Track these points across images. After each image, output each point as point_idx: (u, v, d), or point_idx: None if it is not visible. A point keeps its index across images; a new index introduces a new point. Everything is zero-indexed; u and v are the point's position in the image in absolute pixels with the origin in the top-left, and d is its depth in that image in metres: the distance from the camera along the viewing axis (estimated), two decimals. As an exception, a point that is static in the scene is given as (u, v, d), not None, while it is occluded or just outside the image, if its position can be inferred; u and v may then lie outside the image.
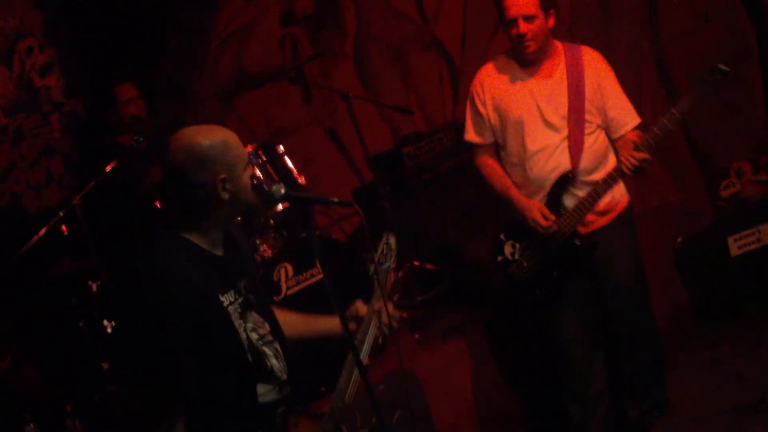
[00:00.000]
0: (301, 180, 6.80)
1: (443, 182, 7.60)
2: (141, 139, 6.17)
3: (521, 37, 5.49)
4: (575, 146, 5.59)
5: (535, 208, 5.62)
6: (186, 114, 8.78)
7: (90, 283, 6.37)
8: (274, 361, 3.96)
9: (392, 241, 4.48)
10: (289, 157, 6.92)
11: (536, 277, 5.76)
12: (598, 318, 5.95)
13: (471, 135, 5.93)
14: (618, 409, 6.06)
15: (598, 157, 5.65)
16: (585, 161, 5.61)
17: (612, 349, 6.04)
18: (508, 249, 5.84)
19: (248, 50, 9.04)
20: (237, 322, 3.85)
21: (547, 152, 5.63)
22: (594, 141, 5.64)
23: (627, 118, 5.69)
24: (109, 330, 6.28)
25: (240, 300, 3.92)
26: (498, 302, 6.56)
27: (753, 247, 7.20)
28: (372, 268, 4.43)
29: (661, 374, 6.00)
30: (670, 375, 6.18)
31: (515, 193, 5.74)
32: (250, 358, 3.85)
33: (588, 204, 5.57)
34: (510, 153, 5.77)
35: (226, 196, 3.79)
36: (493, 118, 5.78)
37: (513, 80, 5.71)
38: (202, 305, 3.71)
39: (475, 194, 7.46)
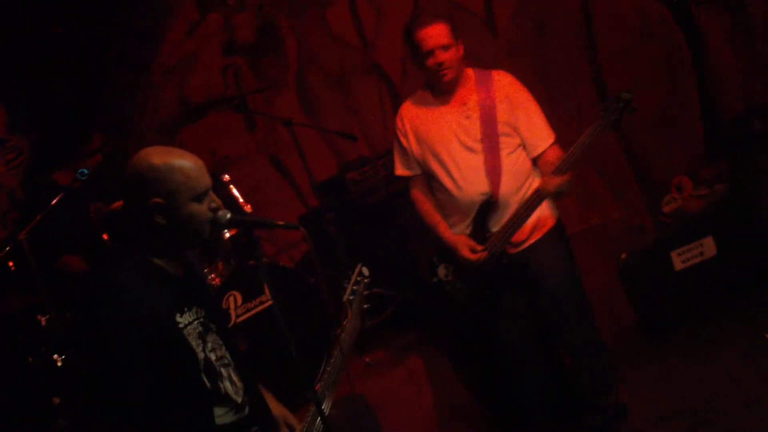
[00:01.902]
0: (248, 208, 6.82)
1: (388, 206, 7.62)
2: (85, 172, 6.18)
3: (440, 65, 5.67)
4: (493, 171, 5.71)
5: (463, 244, 5.80)
6: (128, 148, 8.76)
7: (38, 317, 6.33)
8: (228, 384, 3.94)
9: (365, 270, 4.53)
10: (235, 186, 6.94)
11: (471, 296, 5.90)
12: (538, 331, 6.04)
13: (399, 169, 6.13)
14: (574, 417, 6.13)
15: (521, 176, 5.77)
16: (506, 183, 5.73)
17: (561, 360, 6.14)
18: (441, 271, 6.00)
19: (190, 81, 9.03)
20: (195, 342, 3.82)
21: (470, 176, 5.76)
22: (515, 161, 5.78)
23: (539, 138, 5.82)
24: (59, 364, 6.25)
25: (200, 320, 3.90)
26: (442, 322, 6.62)
27: (696, 260, 7.30)
28: (346, 296, 4.47)
29: (612, 380, 6.07)
30: (620, 389, 6.24)
31: (443, 231, 5.94)
32: (205, 378, 3.83)
33: (512, 227, 5.70)
34: (437, 181, 5.91)
35: (161, 221, 3.75)
36: (416, 150, 5.95)
37: (430, 111, 5.90)
38: (154, 323, 3.68)
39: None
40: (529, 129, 5.80)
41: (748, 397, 5.89)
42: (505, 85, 5.83)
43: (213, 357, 3.91)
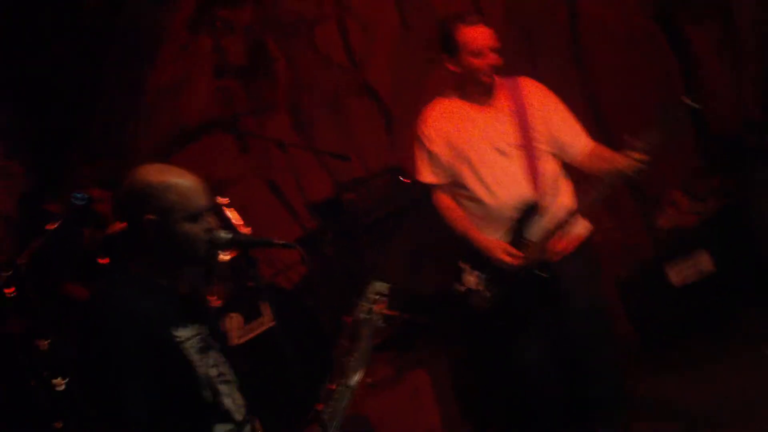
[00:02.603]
0: (246, 231, 6.81)
1: (384, 226, 7.65)
2: (82, 196, 6.18)
3: (491, 66, 5.55)
4: (534, 176, 5.59)
5: (500, 249, 5.60)
6: (122, 171, 8.75)
7: (38, 341, 6.33)
8: (229, 401, 3.96)
9: (381, 286, 4.45)
10: (231, 209, 6.94)
11: (498, 308, 5.67)
12: (561, 344, 5.86)
13: (427, 176, 5.86)
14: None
15: (554, 183, 5.66)
16: (546, 190, 5.60)
17: (576, 373, 5.93)
18: (471, 279, 5.73)
19: (182, 104, 9.04)
20: (195, 357, 3.85)
21: (506, 182, 5.61)
22: (546, 167, 5.65)
23: (581, 137, 5.72)
24: (61, 388, 6.24)
25: (200, 336, 3.92)
26: (455, 334, 6.56)
27: (693, 275, 7.30)
28: (361, 314, 4.38)
29: (624, 397, 6.00)
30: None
31: (476, 235, 5.70)
32: (205, 393, 3.86)
33: (556, 231, 5.54)
34: (467, 188, 5.72)
35: (155, 238, 3.79)
36: (445, 155, 5.74)
37: (460, 116, 5.72)
38: (152, 336, 3.71)
39: (416, 236, 7.56)
40: (568, 131, 5.72)
41: (746, 413, 5.89)
42: (534, 90, 5.75)
43: (214, 372, 3.94)
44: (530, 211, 5.58)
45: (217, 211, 6.82)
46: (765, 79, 8.27)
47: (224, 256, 6.50)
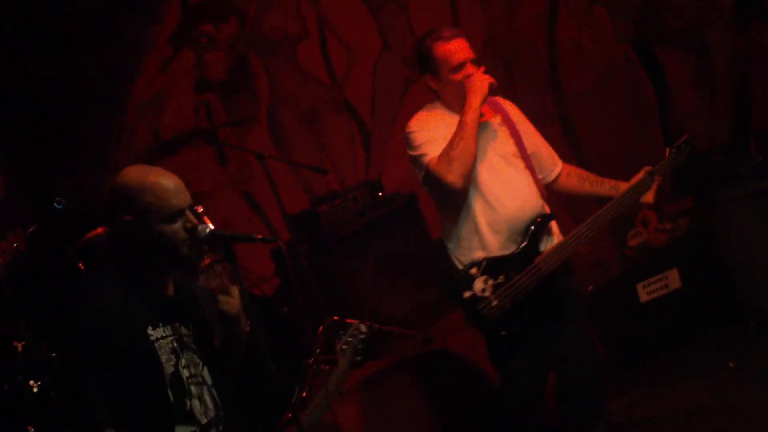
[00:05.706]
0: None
1: (358, 238, 7.72)
2: (62, 200, 6.22)
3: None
4: (540, 187, 5.52)
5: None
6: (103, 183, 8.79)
7: (15, 343, 6.34)
8: (195, 402, 3.98)
9: (363, 327, 4.53)
10: (205, 218, 6.98)
11: (504, 318, 5.33)
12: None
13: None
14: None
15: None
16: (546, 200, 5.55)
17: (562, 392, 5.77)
18: (479, 285, 5.32)
19: (163, 118, 9.09)
20: (165, 356, 3.88)
21: (518, 191, 5.41)
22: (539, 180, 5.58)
23: (556, 159, 5.73)
24: (35, 390, 6.25)
25: (176, 337, 3.95)
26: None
27: (661, 293, 7.40)
28: (339, 345, 4.48)
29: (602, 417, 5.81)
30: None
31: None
32: (170, 392, 3.88)
33: (579, 241, 5.40)
34: (464, 198, 5.40)
35: (133, 239, 3.84)
36: None
37: (453, 126, 5.31)
38: (121, 332, 3.75)
39: (388, 250, 7.66)
40: (546, 150, 5.70)
41: (714, 426, 5.98)
42: (514, 110, 5.69)
43: (185, 373, 3.97)
44: (546, 220, 5.43)
45: (197, 213, 6.87)
46: (734, 104, 8.39)
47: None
